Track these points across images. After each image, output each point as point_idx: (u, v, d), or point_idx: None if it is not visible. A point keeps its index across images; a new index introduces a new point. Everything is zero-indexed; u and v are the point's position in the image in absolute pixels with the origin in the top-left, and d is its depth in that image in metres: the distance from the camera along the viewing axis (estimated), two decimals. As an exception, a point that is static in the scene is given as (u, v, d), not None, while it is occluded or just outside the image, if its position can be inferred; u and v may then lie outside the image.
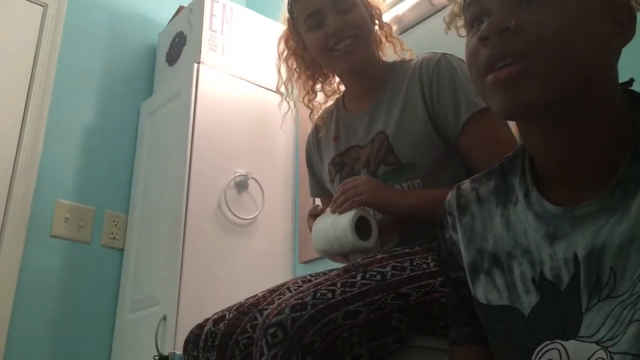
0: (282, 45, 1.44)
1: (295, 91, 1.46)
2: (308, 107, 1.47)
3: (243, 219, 2.28)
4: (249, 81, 2.46)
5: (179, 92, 2.38)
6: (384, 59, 1.39)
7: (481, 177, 0.79)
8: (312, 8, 1.30)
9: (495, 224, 0.73)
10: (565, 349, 0.63)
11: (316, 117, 1.48)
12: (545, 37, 0.59)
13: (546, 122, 0.65)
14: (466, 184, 0.80)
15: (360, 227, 1.20)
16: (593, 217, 0.63)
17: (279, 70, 1.46)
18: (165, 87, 2.52)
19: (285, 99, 1.47)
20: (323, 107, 1.47)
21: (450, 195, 0.81)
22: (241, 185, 2.31)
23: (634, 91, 0.66)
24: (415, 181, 1.23)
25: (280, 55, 1.45)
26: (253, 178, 2.33)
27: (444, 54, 1.27)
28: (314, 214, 1.31)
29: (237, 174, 2.30)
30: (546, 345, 0.65)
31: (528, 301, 0.67)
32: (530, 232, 0.69)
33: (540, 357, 0.66)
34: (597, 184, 0.63)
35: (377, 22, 1.39)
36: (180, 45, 2.53)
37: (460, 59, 1.24)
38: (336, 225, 1.21)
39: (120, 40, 2.70)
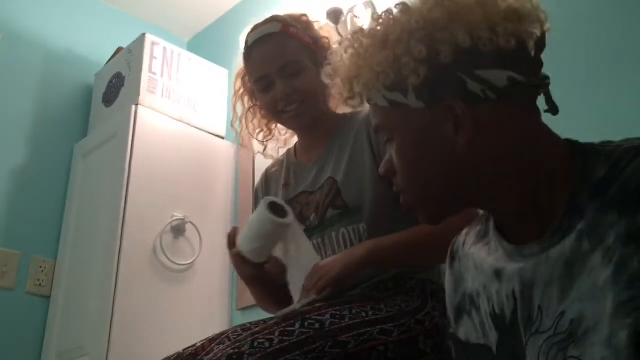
0: (239, 82, 1.45)
1: (244, 129, 1.47)
2: (262, 143, 1.50)
3: (179, 264, 2.22)
4: (188, 124, 2.45)
5: (115, 133, 2.34)
6: (338, 110, 1.43)
7: (476, 222, 0.84)
8: (261, 72, 1.34)
9: (470, 265, 0.78)
10: None
11: (267, 167, 1.51)
12: (401, 178, 0.74)
13: (471, 207, 0.75)
14: (464, 231, 0.85)
15: (275, 210, 1.22)
16: (534, 256, 0.66)
17: (234, 107, 1.48)
18: (101, 129, 2.47)
19: (240, 134, 1.48)
20: (279, 142, 1.50)
21: (450, 245, 0.87)
22: (178, 230, 2.26)
23: (570, 141, 0.70)
24: (360, 225, 1.24)
25: (236, 92, 1.46)
26: (191, 222, 2.29)
27: None
28: (232, 234, 1.28)
29: (174, 218, 2.26)
30: None
31: (493, 337, 0.71)
32: (486, 269, 0.74)
33: None
34: (541, 227, 0.67)
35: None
36: (118, 87, 2.49)
37: None
38: (251, 220, 1.23)
39: (55, 80, 2.63)
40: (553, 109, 0.70)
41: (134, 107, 2.31)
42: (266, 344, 0.99)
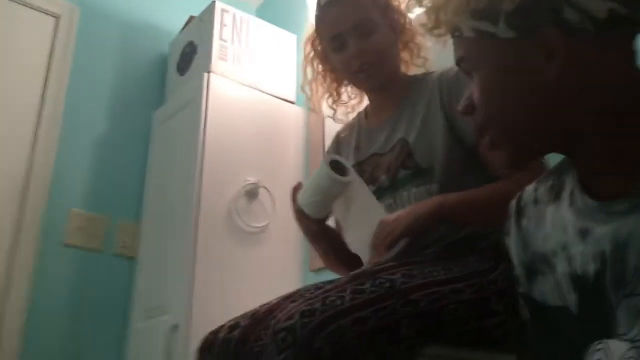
0: (309, 47, 1.46)
1: (318, 93, 1.49)
2: (332, 108, 1.51)
3: (253, 227, 2.28)
4: (259, 90, 2.48)
5: (190, 101, 2.40)
6: (408, 71, 1.42)
7: (544, 177, 0.81)
8: (334, 31, 1.34)
9: (546, 223, 0.75)
10: (609, 347, 0.64)
11: (339, 128, 1.52)
12: (484, 114, 0.69)
13: (557, 151, 0.71)
14: (531, 186, 0.82)
15: (337, 168, 1.23)
16: (624, 215, 0.63)
17: (304, 71, 1.49)
18: (177, 96, 2.54)
19: (310, 99, 1.50)
20: (348, 107, 1.51)
21: (514, 199, 0.84)
22: (251, 194, 2.31)
23: None
24: (432, 185, 1.24)
25: (306, 56, 1.48)
26: (263, 187, 2.33)
27: None
28: (296, 188, 1.31)
29: (247, 183, 2.31)
30: (595, 346, 0.66)
31: (572, 299, 0.69)
32: (569, 228, 0.70)
33: (591, 357, 0.66)
34: (633, 185, 0.64)
35: (400, 31, 1.40)
36: (190, 55, 2.55)
37: None
38: (312, 176, 1.24)
39: (132, 50, 2.73)
40: None
41: (206, 74, 2.36)
42: (338, 302, 1.01)
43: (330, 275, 1.52)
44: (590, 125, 0.64)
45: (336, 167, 1.22)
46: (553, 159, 0.80)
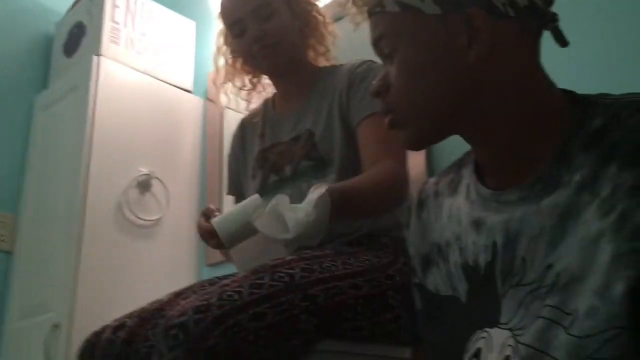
0: (221, 38, 1.45)
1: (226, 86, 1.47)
2: (245, 100, 1.50)
3: (146, 220, 2.18)
4: (154, 77, 2.37)
5: (76, 85, 2.25)
6: (319, 63, 1.42)
7: (445, 170, 0.81)
8: (234, 17, 1.34)
9: (443, 216, 0.76)
10: (490, 336, 0.65)
11: (243, 117, 1.51)
12: (398, 95, 0.69)
13: (459, 134, 0.70)
14: (432, 179, 0.83)
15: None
16: (514, 205, 0.65)
17: (215, 63, 1.48)
18: (62, 80, 2.37)
19: (222, 91, 1.48)
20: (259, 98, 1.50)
21: (416, 192, 0.84)
22: (144, 185, 2.21)
23: (567, 90, 0.67)
24: (330, 176, 1.24)
25: (218, 48, 1.46)
26: (157, 178, 2.24)
27: (370, 61, 1.30)
28: (206, 214, 1.23)
29: (140, 174, 2.20)
30: (478, 334, 0.67)
31: (462, 289, 0.70)
32: (463, 219, 0.72)
33: (473, 346, 0.67)
34: (525, 175, 0.65)
35: (305, 19, 1.40)
36: (79, 36, 2.39)
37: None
38: (241, 208, 1.13)
39: (13, 29, 2.51)
40: (563, 41, 0.67)
41: (95, 58, 2.22)
42: (235, 296, 0.97)
43: (227, 271, 1.48)
44: (494, 114, 0.65)
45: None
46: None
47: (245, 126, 1.48)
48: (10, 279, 2.21)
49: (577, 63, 1.28)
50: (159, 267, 2.18)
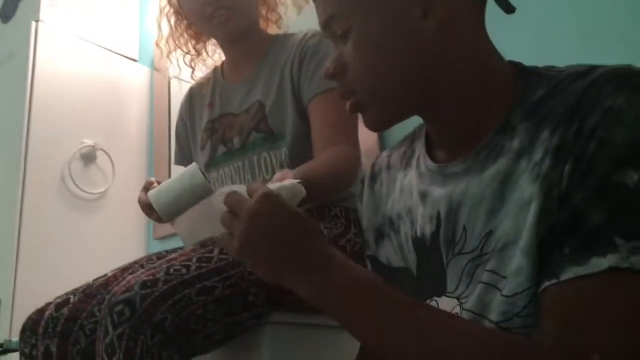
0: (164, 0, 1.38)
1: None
2: (189, 66, 1.43)
3: (91, 193, 2.12)
4: (97, 44, 2.28)
5: (14, 52, 2.15)
6: (269, 30, 1.38)
7: (398, 144, 0.81)
8: None
9: (396, 188, 0.76)
10: (439, 305, 0.66)
11: (192, 85, 1.45)
12: (357, 74, 0.66)
13: (417, 111, 0.70)
14: (385, 152, 0.82)
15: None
16: (458, 177, 0.65)
17: (159, 26, 1.40)
18: (-1, 46, 2.26)
19: (167, 56, 1.41)
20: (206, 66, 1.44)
21: (369, 165, 0.84)
22: (88, 157, 2.14)
23: (515, 63, 0.68)
24: (282, 150, 1.22)
25: (161, 10, 1.38)
26: (102, 149, 2.17)
27: (322, 33, 1.26)
28: (147, 187, 1.20)
29: (83, 145, 2.13)
30: (428, 303, 0.67)
31: (412, 260, 0.71)
32: (413, 192, 0.72)
33: None
34: (469, 148, 0.65)
35: None
36: (15, 1, 2.27)
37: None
38: (175, 178, 1.09)
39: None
40: (509, 8, 0.67)
41: (34, 23, 2.12)
42: (183, 270, 0.95)
43: (177, 244, 1.46)
44: (449, 87, 0.65)
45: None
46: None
47: (193, 94, 1.43)
48: (-54, 255, 2.12)
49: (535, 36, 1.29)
50: (105, 241, 2.13)
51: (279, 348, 1.05)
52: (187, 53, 1.41)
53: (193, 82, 1.46)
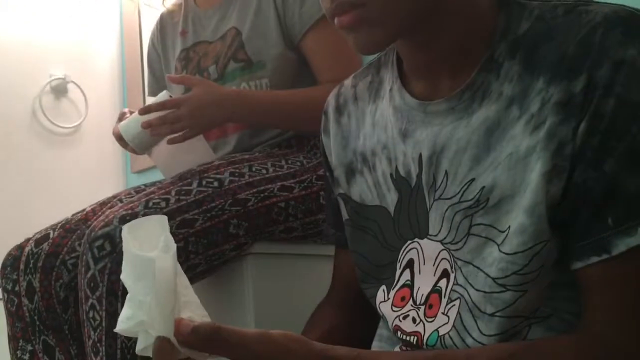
0: None
1: None
2: None
3: (64, 127, 2.07)
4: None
5: (-27, -21, 2.03)
6: None
7: (361, 72, 0.76)
8: None
9: (366, 122, 0.72)
10: (421, 247, 0.65)
11: (162, 12, 1.38)
12: None
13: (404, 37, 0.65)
14: (348, 81, 0.77)
15: None
16: (441, 117, 0.63)
17: None
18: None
19: None
20: None
21: (331, 95, 0.79)
22: (59, 90, 2.08)
23: None
24: (263, 80, 1.18)
25: None
26: (73, 82, 2.11)
27: None
28: (121, 119, 1.17)
29: (53, 78, 2.06)
30: (408, 245, 0.66)
31: (391, 199, 0.68)
32: (389, 127, 0.69)
33: (404, 256, 0.67)
34: (453, 84, 0.62)
35: None
36: None
37: None
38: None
39: None
40: None
41: (-8, -54, 2.00)
42: (162, 204, 0.94)
43: (155, 177, 1.44)
44: (443, 14, 0.61)
45: None
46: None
47: (164, 22, 1.38)
48: None
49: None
50: (82, 175, 2.10)
51: (261, 278, 1.06)
52: None
53: (164, 8, 1.40)
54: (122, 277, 0.51)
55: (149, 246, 0.50)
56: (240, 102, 1.10)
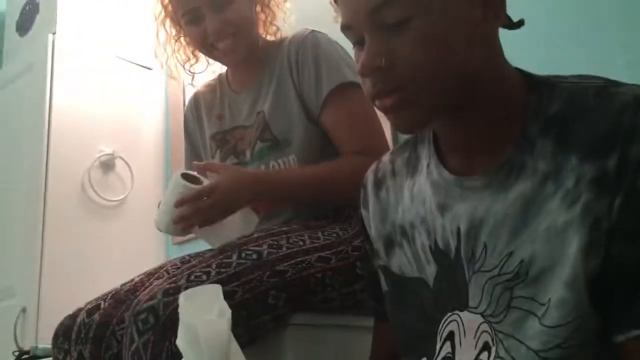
0: (159, 6, 1.32)
1: (172, 59, 1.36)
2: (189, 72, 1.39)
3: (110, 200, 2.16)
4: (112, 54, 2.31)
5: (32, 64, 2.19)
6: (267, 34, 1.35)
7: (400, 148, 0.79)
8: (189, 5, 1.22)
9: (404, 196, 0.74)
10: (461, 319, 0.66)
11: (197, 88, 1.43)
12: (415, 69, 0.61)
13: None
14: (386, 157, 0.80)
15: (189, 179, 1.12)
16: (478, 192, 0.65)
17: (156, 33, 1.35)
18: (17, 60, 2.31)
19: (166, 63, 1.37)
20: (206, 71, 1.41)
21: (370, 170, 0.82)
22: (107, 165, 2.18)
23: (525, 72, 0.67)
24: (290, 157, 1.22)
25: (156, 17, 1.34)
26: (120, 157, 2.21)
27: (312, 30, 1.26)
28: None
29: (102, 153, 2.17)
30: (448, 317, 0.67)
31: (430, 271, 0.69)
32: (427, 201, 0.71)
33: (444, 328, 0.68)
34: (488, 160, 0.65)
35: (259, 1, 1.32)
36: (32, 14, 2.31)
37: (329, 39, 1.24)
38: (165, 194, 1.12)
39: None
40: (513, 24, 0.67)
41: (50, 35, 2.16)
42: (203, 277, 0.97)
43: (195, 249, 1.48)
44: (478, 92, 0.64)
45: (188, 178, 1.11)
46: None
47: (198, 100, 1.41)
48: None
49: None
50: (126, 247, 2.16)
51: (301, 348, 1.06)
52: (187, 60, 1.37)
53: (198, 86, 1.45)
54: (177, 342, 0.54)
55: (204, 312, 0.53)
56: (266, 184, 1.14)
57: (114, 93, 2.28)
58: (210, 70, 1.42)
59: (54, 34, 2.17)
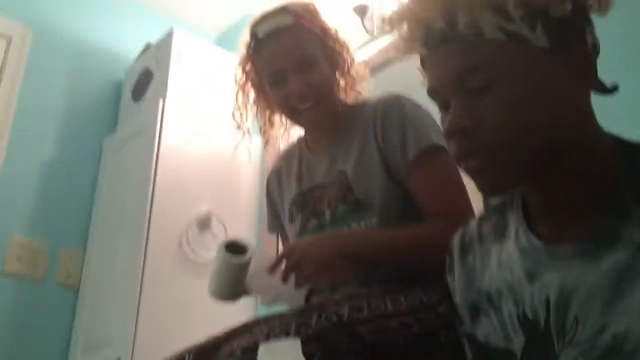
0: (240, 71, 1.38)
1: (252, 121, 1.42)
2: (263, 138, 1.44)
3: (205, 258, 2.23)
4: (215, 117, 2.45)
5: (143, 127, 2.36)
6: (347, 98, 1.38)
7: (487, 213, 0.79)
8: (274, 67, 1.27)
9: (491, 262, 0.73)
10: None
11: (278, 154, 1.47)
12: (499, 131, 0.61)
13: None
14: (473, 222, 0.80)
15: (235, 250, 1.17)
16: (568, 260, 0.62)
17: (235, 96, 1.41)
18: (130, 123, 2.50)
19: (240, 127, 1.42)
20: (282, 138, 1.45)
21: (457, 235, 0.81)
22: (203, 224, 2.27)
23: (617, 137, 0.65)
24: (372, 220, 1.21)
25: (237, 81, 1.39)
26: (216, 216, 2.29)
27: (398, 95, 1.27)
28: None
29: (199, 213, 2.26)
30: None
31: (517, 342, 0.67)
32: (515, 268, 0.69)
33: None
34: (579, 226, 0.63)
35: (338, 59, 1.36)
36: (146, 81, 2.51)
37: (415, 103, 1.25)
38: (213, 264, 1.18)
39: (86, 76, 2.68)
40: (606, 89, 0.66)
41: (161, 100, 2.33)
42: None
43: (280, 308, 1.49)
44: (564, 158, 0.62)
45: (233, 247, 1.16)
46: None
47: (279, 169, 1.44)
48: (76, 314, 2.29)
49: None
50: (217, 304, 2.20)
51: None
52: (263, 124, 1.40)
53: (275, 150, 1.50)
54: None
55: None
56: (350, 239, 1.17)
57: (214, 155, 2.39)
58: (285, 137, 1.45)
59: (164, 99, 2.33)
